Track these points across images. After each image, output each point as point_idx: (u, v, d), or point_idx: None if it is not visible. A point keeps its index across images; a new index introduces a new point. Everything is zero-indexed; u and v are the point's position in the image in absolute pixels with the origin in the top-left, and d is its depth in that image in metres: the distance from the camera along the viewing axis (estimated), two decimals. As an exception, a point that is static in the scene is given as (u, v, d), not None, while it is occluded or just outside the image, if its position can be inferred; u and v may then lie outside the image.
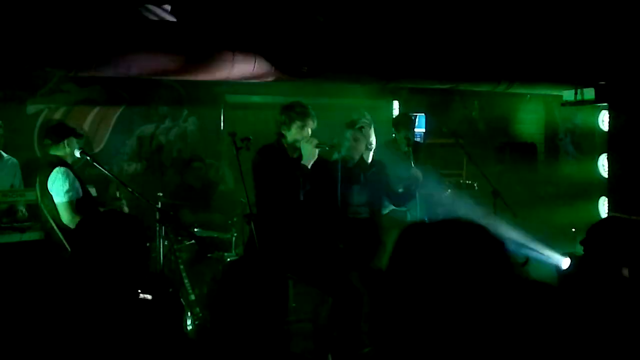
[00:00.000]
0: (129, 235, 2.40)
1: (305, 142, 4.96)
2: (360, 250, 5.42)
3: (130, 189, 5.44)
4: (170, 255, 6.14)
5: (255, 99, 8.20)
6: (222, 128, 8.24)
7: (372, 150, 5.68)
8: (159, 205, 5.91)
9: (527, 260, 6.01)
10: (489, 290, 1.20)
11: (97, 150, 7.64)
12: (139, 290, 2.55)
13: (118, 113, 7.78)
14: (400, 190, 5.87)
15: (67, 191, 5.21)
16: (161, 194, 6.35)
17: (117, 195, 5.81)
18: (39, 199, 5.36)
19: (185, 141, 8.27)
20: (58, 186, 5.22)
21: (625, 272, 2.85)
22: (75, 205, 5.23)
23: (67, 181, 5.23)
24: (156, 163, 8.10)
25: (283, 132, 5.04)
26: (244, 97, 8.18)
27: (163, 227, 5.93)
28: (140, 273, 2.44)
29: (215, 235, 6.86)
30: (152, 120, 8.09)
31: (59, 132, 5.48)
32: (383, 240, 5.61)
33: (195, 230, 6.77)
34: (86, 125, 7.59)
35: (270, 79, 5.93)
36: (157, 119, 8.12)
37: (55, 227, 5.24)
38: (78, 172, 5.57)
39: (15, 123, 6.76)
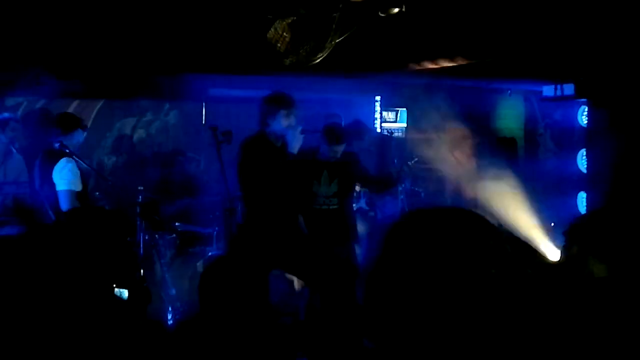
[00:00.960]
0: (113, 231, 2.40)
1: (291, 131, 4.98)
2: (330, 240, 5.49)
3: (110, 182, 5.42)
4: (151, 249, 6.11)
5: (237, 92, 8.18)
6: (203, 122, 8.21)
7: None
8: (140, 199, 5.88)
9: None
10: (490, 282, 1.18)
11: (77, 143, 7.57)
12: (114, 285, 2.54)
13: (98, 106, 7.72)
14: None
15: (73, 181, 5.26)
16: (142, 188, 6.32)
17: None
18: (38, 186, 5.42)
19: (166, 135, 8.23)
20: (65, 175, 5.26)
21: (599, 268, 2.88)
22: (76, 197, 5.26)
23: (74, 171, 5.29)
24: (137, 157, 8.05)
25: (269, 121, 5.04)
26: (226, 90, 8.15)
27: (144, 222, 5.90)
28: (119, 268, 2.44)
29: (197, 230, 6.84)
30: (133, 114, 8.04)
31: (69, 122, 5.56)
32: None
33: (177, 224, 6.75)
34: (66, 118, 7.52)
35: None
36: (138, 112, 8.07)
37: (52, 216, 5.25)
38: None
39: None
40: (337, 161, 5.69)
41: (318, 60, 4.41)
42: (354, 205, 6.52)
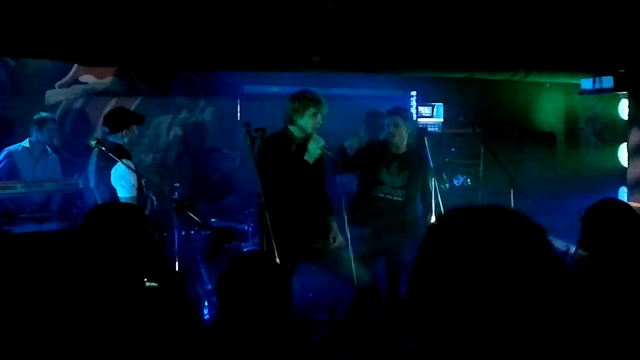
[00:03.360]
0: (132, 226, 2.42)
1: (313, 139, 4.94)
2: (387, 230, 5.50)
3: (145, 180, 5.44)
4: (187, 245, 6.17)
5: (273, 89, 8.19)
6: (238, 119, 8.25)
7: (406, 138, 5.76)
8: (176, 196, 5.93)
9: (568, 249, 5.95)
10: (533, 281, 1.15)
11: (114, 141, 7.68)
12: (145, 279, 2.57)
13: (135, 104, 7.81)
14: None
15: (133, 185, 5.03)
16: (178, 185, 6.38)
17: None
18: (93, 184, 5.21)
19: (202, 132, 8.29)
20: (124, 179, 5.01)
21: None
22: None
23: (133, 175, 5.04)
24: (173, 154, 8.14)
25: (295, 119, 5.02)
26: (261, 87, 8.17)
27: (179, 218, 5.95)
28: (145, 262, 2.45)
29: (232, 226, 6.88)
30: (169, 111, 8.13)
31: (118, 120, 5.24)
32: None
33: (212, 220, 6.80)
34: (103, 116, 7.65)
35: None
36: (174, 109, 8.15)
37: None
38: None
39: (34, 114, 6.81)
40: (407, 153, 5.70)
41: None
42: None
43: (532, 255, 1.17)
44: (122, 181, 5.02)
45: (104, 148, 5.37)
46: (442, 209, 5.80)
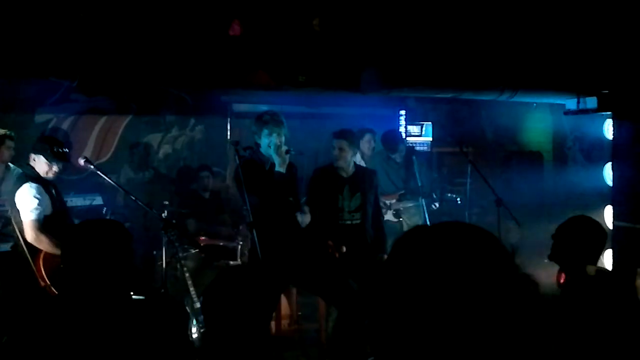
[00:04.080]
0: (113, 242, 2.45)
1: (275, 151, 4.98)
2: (354, 255, 5.48)
3: (133, 198, 5.46)
4: (176, 263, 6.18)
5: (262, 108, 8.25)
6: (228, 137, 8.29)
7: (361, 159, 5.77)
8: (165, 214, 5.94)
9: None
10: (497, 298, 1.16)
11: (104, 159, 7.72)
12: (132, 293, 2.59)
13: (125, 122, 7.85)
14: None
15: (34, 209, 4.95)
16: (167, 203, 6.40)
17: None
18: (10, 210, 5.19)
19: (192, 150, 8.33)
20: (25, 202, 4.97)
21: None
22: (43, 223, 4.95)
23: (35, 198, 4.95)
24: (163, 172, 8.16)
25: (257, 141, 5.11)
26: (251, 106, 8.23)
27: (168, 236, 5.96)
28: (129, 276, 2.48)
29: (221, 244, 6.90)
30: (159, 130, 8.16)
31: (35, 145, 5.20)
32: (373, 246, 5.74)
33: (201, 238, 6.82)
34: (94, 134, 7.68)
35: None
36: (164, 127, 8.19)
37: (21, 241, 5.02)
38: (82, 180, 5.57)
39: (24, 132, 6.82)
40: (356, 174, 5.72)
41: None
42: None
43: (494, 273, 1.18)
44: (21, 202, 4.97)
45: (92, 166, 5.45)
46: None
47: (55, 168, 5.13)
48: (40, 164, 5.09)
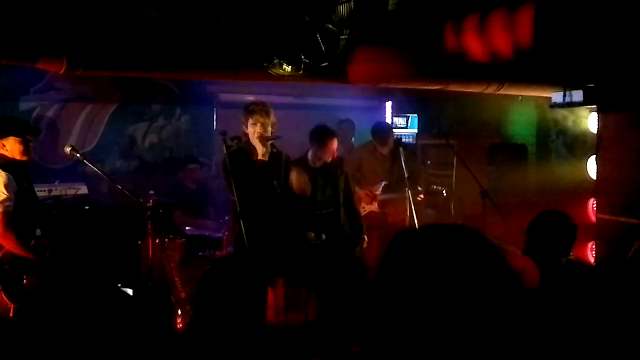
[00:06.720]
0: (99, 231, 2.44)
1: (255, 139, 5.12)
2: (333, 243, 5.62)
3: (120, 187, 5.44)
4: (161, 253, 6.16)
5: (249, 98, 8.22)
6: (215, 127, 8.26)
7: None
8: (151, 204, 5.92)
9: None
10: (487, 297, 1.17)
11: (89, 147, 7.66)
12: (119, 285, 2.59)
13: (111, 111, 7.80)
14: None
15: (2, 201, 4.59)
16: (152, 192, 6.37)
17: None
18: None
19: (178, 140, 8.29)
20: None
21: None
22: (10, 216, 4.59)
23: (5, 188, 4.61)
24: (148, 161, 8.12)
25: (245, 131, 5.22)
26: (237, 95, 8.20)
27: (153, 225, 5.95)
28: (115, 268, 2.48)
29: (206, 234, 6.89)
30: (145, 119, 8.12)
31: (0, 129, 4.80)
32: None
33: (187, 228, 6.81)
34: (79, 123, 7.62)
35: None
36: (150, 117, 8.14)
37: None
38: (67, 169, 5.49)
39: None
40: (325, 166, 5.86)
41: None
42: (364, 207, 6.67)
43: (482, 276, 1.20)
44: None
45: (78, 155, 5.42)
46: (415, 220, 5.89)
47: (31, 143, 4.88)
48: (13, 145, 4.73)
